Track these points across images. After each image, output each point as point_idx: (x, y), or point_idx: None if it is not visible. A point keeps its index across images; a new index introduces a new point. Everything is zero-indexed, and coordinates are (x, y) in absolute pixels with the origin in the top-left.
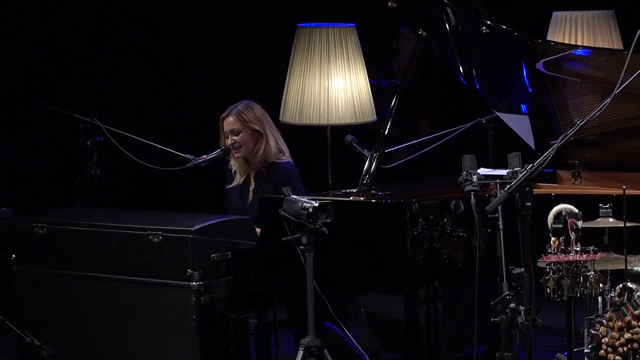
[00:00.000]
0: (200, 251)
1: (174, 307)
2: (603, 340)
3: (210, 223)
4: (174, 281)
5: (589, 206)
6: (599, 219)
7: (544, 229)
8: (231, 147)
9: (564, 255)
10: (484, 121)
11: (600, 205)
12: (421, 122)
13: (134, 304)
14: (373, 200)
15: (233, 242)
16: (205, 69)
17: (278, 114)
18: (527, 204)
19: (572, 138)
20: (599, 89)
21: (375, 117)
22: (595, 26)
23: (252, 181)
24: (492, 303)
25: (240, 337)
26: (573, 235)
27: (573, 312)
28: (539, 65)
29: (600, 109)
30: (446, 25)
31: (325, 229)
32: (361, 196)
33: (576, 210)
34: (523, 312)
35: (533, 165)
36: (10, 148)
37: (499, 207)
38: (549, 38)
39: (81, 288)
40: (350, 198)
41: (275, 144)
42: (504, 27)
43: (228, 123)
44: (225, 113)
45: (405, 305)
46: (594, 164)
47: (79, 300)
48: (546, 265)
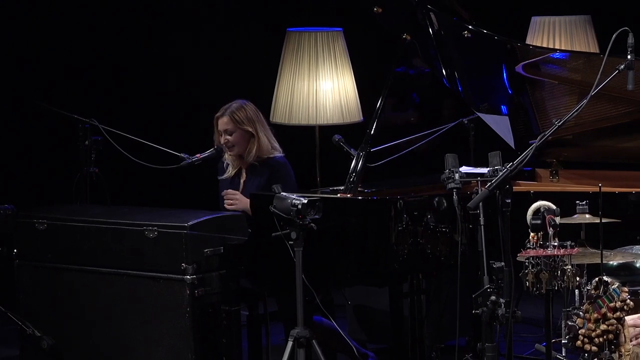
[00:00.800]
0: (193, 246)
1: (169, 300)
2: (580, 331)
3: (204, 219)
4: (169, 275)
5: (566, 203)
6: (576, 215)
7: (523, 224)
8: (224, 146)
9: (542, 250)
10: (466, 121)
11: (577, 202)
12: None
13: (131, 296)
14: (359, 197)
15: (225, 238)
16: (199, 72)
17: (269, 115)
18: (507, 201)
19: (550, 138)
20: (575, 90)
21: (361, 118)
22: (573, 30)
23: (244, 174)
24: (474, 295)
25: (232, 329)
26: (551, 231)
27: (551, 305)
28: (519, 67)
29: (577, 109)
30: (429, 29)
31: (313, 225)
32: (348, 193)
33: (554, 207)
34: (503, 305)
35: (513, 164)
36: (13, 147)
37: (480, 204)
38: (528, 42)
39: (80, 281)
40: (338, 195)
41: (267, 142)
42: (485, 32)
43: (222, 123)
44: (219, 113)
45: (391, 297)
46: (571, 162)
47: (78, 292)
48: (525, 259)
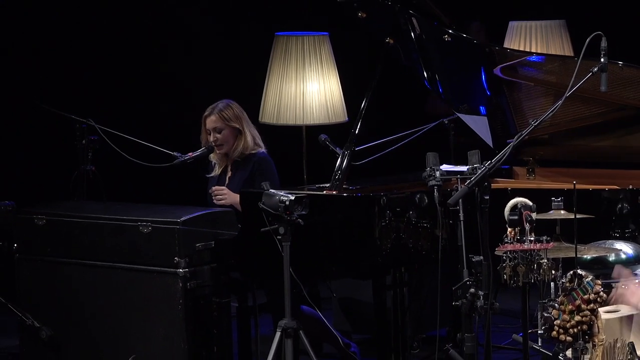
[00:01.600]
0: (186, 241)
1: (162, 292)
2: (555, 322)
3: (196, 215)
4: (162, 268)
5: (542, 199)
6: (551, 211)
7: (501, 220)
8: (213, 144)
9: (519, 244)
10: (446, 122)
11: (552, 198)
12: None
13: (126, 288)
14: (345, 194)
15: (216, 233)
16: (191, 75)
17: (258, 115)
18: (486, 198)
19: (527, 137)
20: (551, 92)
21: (346, 118)
22: (548, 35)
23: (229, 170)
24: (454, 288)
25: (222, 320)
26: (528, 226)
27: (528, 297)
28: (497, 70)
29: (553, 110)
30: (411, 34)
31: (300, 221)
32: (334, 190)
33: (530, 203)
34: (482, 297)
35: (491, 162)
36: (13, 146)
37: (460, 200)
38: (505, 46)
39: (77, 274)
40: (324, 192)
41: (252, 139)
42: (464, 36)
43: (210, 122)
44: (207, 112)
45: (374, 290)
46: (547, 160)
47: (75, 285)
48: (503, 253)
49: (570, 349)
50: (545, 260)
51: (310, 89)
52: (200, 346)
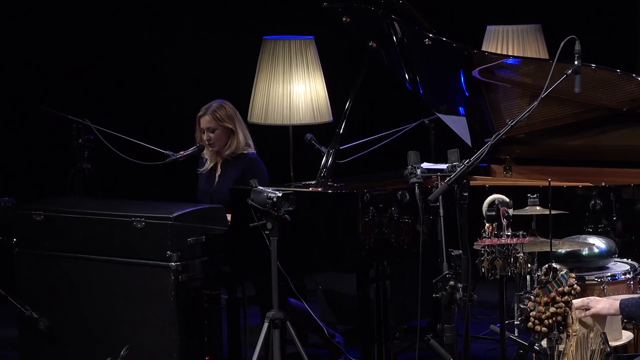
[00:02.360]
0: (178, 235)
1: (155, 285)
2: (531, 314)
3: (187, 211)
4: (155, 262)
5: (518, 196)
6: (527, 207)
7: (479, 216)
8: (206, 143)
9: (496, 239)
10: (427, 121)
11: (528, 195)
12: None
13: (120, 281)
14: (330, 191)
15: (207, 228)
16: (184, 76)
17: (247, 115)
18: (465, 194)
19: (504, 136)
20: (527, 93)
21: (331, 118)
22: (524, 38)
23: (219, 168)
24: (434, 281)
25: (213, 311)
26: (505, 222)
27: (505, 289)
28: (475, 72)
29: (529, 111)
30: (393, 37)
31: (287, 216)
32: (319, 187)
33: (507, 200)
34: (461, 289)
35: (470, 160)
36: (13, 145)
37: (440, 197)
38: (483, 49)
39: (74, 267)
40: (310, 189)
41: (244, 139)
42: (444, 39)
43: (204, 122)
44: (201, 112)
45: (358, 282)
46: (523, 159)
47: (72, 278)
48: (481, 247)
49: (545, 339)
50: (522, 254)
51: (296, 90)
52: (191, 336)
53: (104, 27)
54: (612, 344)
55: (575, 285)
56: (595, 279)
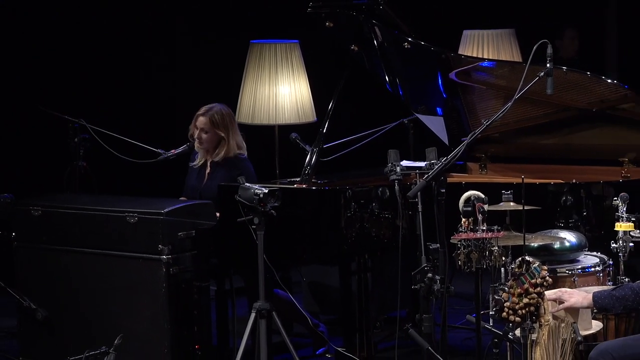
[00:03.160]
0: (169, 230)
1: (147, 277)
2: (505, 304)
3: (178, 206)
4: (147, 255)
5: (493, 192)
6: (501, 203)
7: (456, 211)
8: (197, 140)
9: (472, 233)
10: (406, 121)
11: (502, 191)
12: None
13: (114, 274)
14: (313, 188)
15: (197, 223)
16: (175, 79)
17: (234, 115)
18: (442, 191)
19: (480, 135)
20: (501, 94)
21: (315, 118)
22: (499, 42)
23: (209, 167)
24: (413, 273)
25: (202, 302)
26: (480, 217)
27: (480, 281)
28: (452, 74)
29: (503, 111)
30: (374, 41)
31: (273, 212)
32: (304, 184)
33: (483, 196)
34: (438, 281)
35: (447, 158)
36: (12, 144)
37: (419, 193)
38: (460, 52)
39: (70, 260)
40: (295, 186)
41: (235, 146)
42: (422, 43)
43: (200, 122)
44: (201, 111)
45: (340, 275)
46: (498, 157)
47: (69, 270)
48: (458, 241)
49: (518, 329)
50: (496, 248)
51: (282, 92)
52: (182, 326)
53: (100, 32)
54: (583, 333)
55: (547, 278)
56: (567, 272)
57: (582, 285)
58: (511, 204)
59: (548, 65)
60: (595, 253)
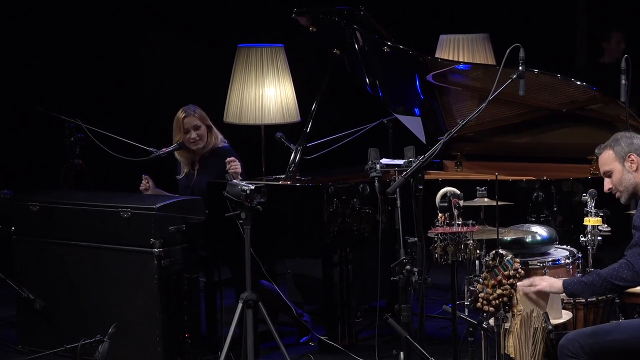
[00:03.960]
0: (160, 224)
1: (140, 269)
2: (480, 295)
3: (169, 202)
4: (140, 248)
5: (468, 189)
6: (476, 199)
7: (433, 207)
8: (191, 141)
9: (448, 227)
10: (385, 121)
11: (477, 188)
12: None
13: (108, 266)
14: (297, 184)
15: (187, 217)
16: (166, 81)
17: (222, 116)
18: (420, 187)
19: (455, 135)
20: (476, 96)
21: (299, 118)
22: (474, 46)
23: (197, 164)
24: (392, 265)
25: (192, 293)
26: (456, 212)
27: (456, 273)
28: (429, 77)
29: (478, 112)
30: (355, 45)
31: (259, 207)
32: (288, 181)
33: (458, 192)
34: (416, 273)
35: (424, 156)
36: (11, 143)
37: (398, 189)
38: (437, 56)
39: (67, 253)
40: (280, 182)
41: (219, 133)
42: (401, 47)
43: (188, 122)
44: (182, 115)
45: (323, 267)
46: (473, 155)
47: (65, 263)
48: (435, 235)
49: (492, 318)
50: (471, 241)
51: (267, 93)
52: (172, 315)
53: (94, 37)
54: (553, 322)
55: (519, 269)
56: (538, 264)
57: (553, 277)
58: (485, 199)
59: (520, 67)
60: (565, 246)
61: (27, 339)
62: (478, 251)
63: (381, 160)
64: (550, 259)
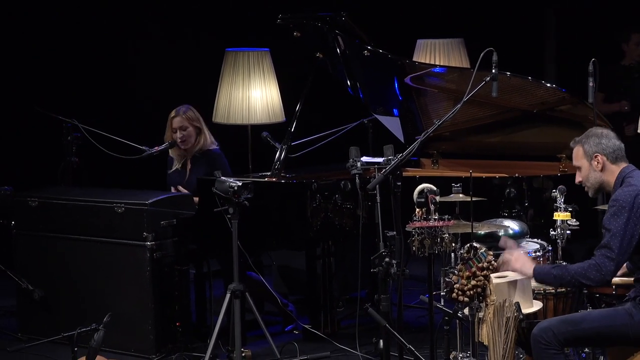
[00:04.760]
0: (153, 219)
1: (133, 261)
2: (455, 286)
3: (161, 198)
4: (133, 241)
5: (444, 185)
6: (451, 195)
7: (411, 202)
8: (179, 141)
9: (425, 222)
10: (366, 121)
11: (452, 184)
12: None
13: (103, 258)
14: (282, 181)
15: (178, 212)
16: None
17: (211, 116)
18: (398, 184)
19: (432, 134)
20: (451, 97)
21: (284, 118)
22: (449, 50)
23: (189, 164)
24: (372, 258)
25: (183, 284)
26: (432, 207)
27: (432, 265)
28: (407, 79)
29: (453, 112)
30: (337, 49)
31: (246, 203)
32: (274, 178)
33: (435, 188)
34: (395, 265)
35: (402, 155)
36: (11, 141)
37: (377, 186)
38: (414, 59)
39: (64, 246)
40: (266, 179)
41: (209, 137)
42: (380, 51)
43: (177, 122)
44: (173, 114)
45: (307, 259)
46: (448, 153)
47: (62, 255)
48: (412, 229)
49: (467, 308)
50: (447, 235)
51: (254, 95)
52: (164, 305)
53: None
54: (525, 311)
55: (492, 262)
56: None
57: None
58: (460, 195)
59: (493, 70)
60: (536, 240)
61: (27, 327)
62: (453, 244)
63: (362, 158)
64: (519, 250)
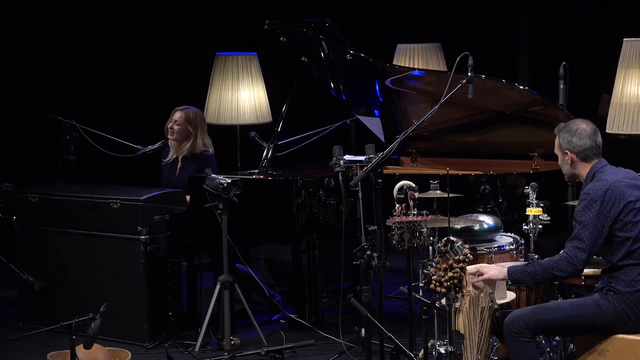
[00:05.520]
0: (147, 214)
1: (128, 254)
2: (433, 278)
3: (154, 194)
4: (128, 235)
5: (422, 182)
6: (429, 191)
7: (391, 198)
8: (168, 131)
9: (405, 217)
10: (348, 122)
11: (431, 181)
12: None
13: (100, 251)
14: (269, 178)
15: (170, 208)
16: (151, 85)
17: None
18: (379, 181)
19: (411, 134)
20: (430, 99)
21: (271, 119)
22: (427, 54)
23: (180, 161)
24: (354, 251)
25: (175, 276)
26: (411, 203)
27: (411, 258)
28: (388, 82)
29: (431, 113)
30: (321, 53)
31: (235, 199)
32: (261, 175)
33: (414, 185)
34: (376, 257)
35: (383, 153)
36: (12, 141)
37: (359, 183)
38: (394, 63)
39: (62, 240)
40: (253, 176)
41: (201, 144)
42: (362, 55)
43: (176, 115)
44: (179, 108)
45: (293, 252)
46: (427, 152)
47: (61, 249)
48: (392, 224)
49: (444, 298)
50: (425, 229)
51: (242, 96)
52: (157, 296)
53: (86, 45)
54: (499, 302)
55: (468, 255)
56: (485, 249)
57: (498, 261)
58: (438, 192)
59: (469, 74)
60: (509, 234)
61: (27, 317)
62: (431, 238)
63: (344, 157)
64: (496, 245)
